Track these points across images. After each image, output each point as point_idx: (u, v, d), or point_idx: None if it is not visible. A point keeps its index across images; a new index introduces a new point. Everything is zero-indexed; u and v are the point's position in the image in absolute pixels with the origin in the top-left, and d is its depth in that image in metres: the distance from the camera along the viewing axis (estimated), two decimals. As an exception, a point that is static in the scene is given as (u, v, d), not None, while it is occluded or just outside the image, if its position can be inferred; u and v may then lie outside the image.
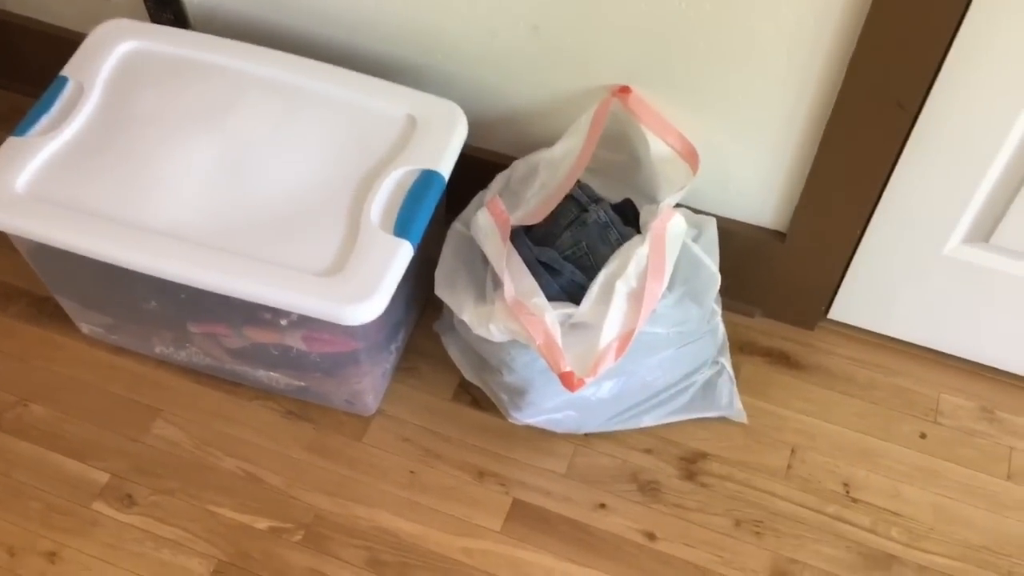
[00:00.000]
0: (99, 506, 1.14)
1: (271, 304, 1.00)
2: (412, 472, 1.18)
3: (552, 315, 1.00)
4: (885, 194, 1.09)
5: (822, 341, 1.29)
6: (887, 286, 1.21)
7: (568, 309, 1.02)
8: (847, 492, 1.16)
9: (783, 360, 1.27)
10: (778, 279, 1.25)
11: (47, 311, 1.29)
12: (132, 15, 1.22)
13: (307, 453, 1.19)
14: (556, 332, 1.00)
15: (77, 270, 1.12)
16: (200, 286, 1.00)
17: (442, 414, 1.22)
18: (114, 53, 1.15)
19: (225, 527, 1.13)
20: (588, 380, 0.98)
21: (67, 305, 1.23)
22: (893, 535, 1.13)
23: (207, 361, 1.21)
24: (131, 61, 1.15)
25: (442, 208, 1.18)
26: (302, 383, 1.18)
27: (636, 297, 1.01)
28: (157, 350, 1.23)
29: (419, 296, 1.26)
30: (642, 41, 1.06)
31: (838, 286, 1.24)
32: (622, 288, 1.01)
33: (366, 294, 0.98)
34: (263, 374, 1.19)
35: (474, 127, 1.13)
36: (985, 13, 0.89)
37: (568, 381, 0.98)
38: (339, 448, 1.19)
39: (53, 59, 1.16)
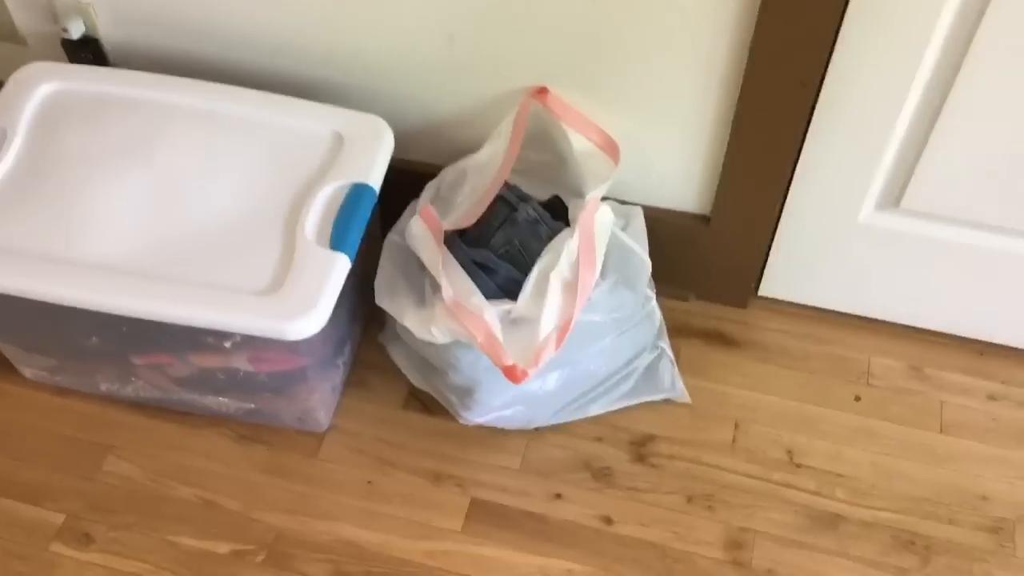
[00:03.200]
0: (57, 547, 1.14)
1: (214, 327, 1.02)
2: (369, 482, 1.19)
3: (491, 312, 1.03)
4: (797, 170, 1.15)
5: (755, 318, 1.34)
6: (810, 258, 1.26)
7: (506, 305, 1.05)
8: (791, 459, 1.21)
9: (719, 339, 1.32)
10: (707, 261, 1.29)
11: (-13, 360, 1.28)
12: (49, 58, 1.23)
13: (263, 474, 1.20)
14: (496, 328, 1.03)
15: (14, 313, 1.12)
16: (140, 316, 1.01)
17: (394, 423, 1.24)
18: (35, 96, 1.15)
19: (186, 555, 1.13)
20: (531, 371, 1.01)
21: (7, 351, 1.23)
22: (838, 495, 1.18)
23: (154, 393, 1.21)
24: (53, 102, 1.15)
25: (377, 223, 1.20)
26: (252, 405, 1.19)
27: (570, 287, 1.05)
28: (103, 388, 1.23)
29: (362, 311, 1.28)
30: (554, 42, 1.10)
31: (765, 263, 1.29)
32: (556, 280, 1.04)
33: (307, 308, 1.00)
34: (212, 400, 1.20)
35: (401, 139, 1.16)
36: (869, -11, 0.95)
37: (511, 374, 1.01)
38: (294, 466, 1.20)
39: (-27, 107, 1.16)
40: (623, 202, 1.22)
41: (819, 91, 1.05)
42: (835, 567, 1.12)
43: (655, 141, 1.17)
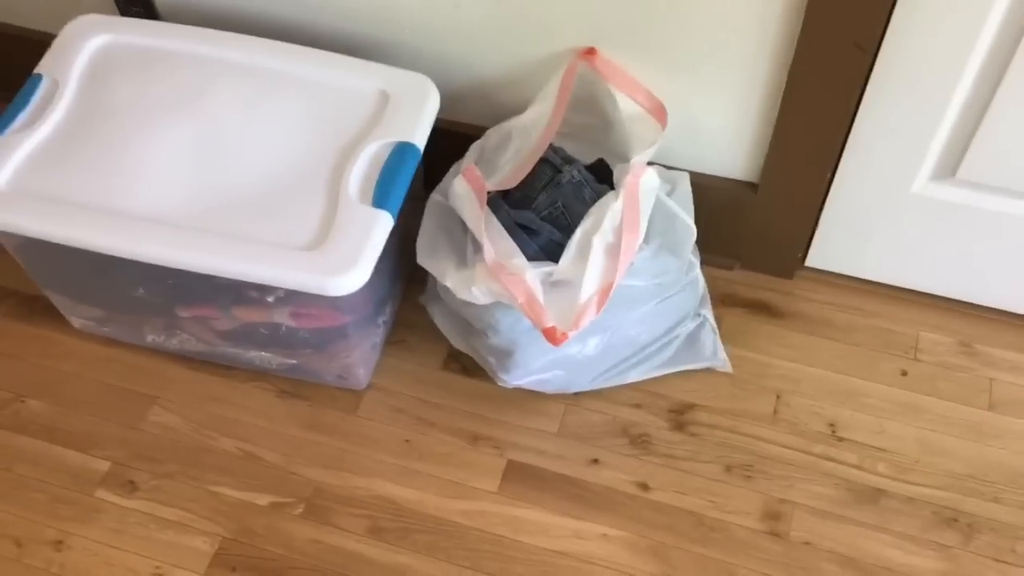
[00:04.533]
0: (102, 493, 1.16)
1: (257, 281, 1.02)
2: (407, 441, 1.20)
3: (532, 273, 1.03)
4: (851, 137, 1.12)
5: (801, 289, 1.32)
6: (860, 229, 1.24)
7: (548, 267, 1.05)
8: (833, 432, 1.19)
9: (764, 309, 1.30)
10: (754, 230, 1.27)
11: (38, 309, 1.30)
12: (101, 11, 1.23)
13: (303, 429, 1.21)
14: (537, 289, 1.02)
15: (65, 263, 1.14)
16: (186, 268, 1.02)
17: (433, 383, 1.24)
18: (86, 48, 1.16)
19: (227, 505, 1.15)
20: (571, 334, 1.01)
21: (57, 300, 1.25)
22: (880, 470, 1.16)
23: (199, 346, 1.23)
24: (103, 55, 1.16)
25: (420, 183, 1.20)
26: (293, 361, 1.21)
27: (613, 251, 1.04)
28: (149, 339, 1.25)
29: (403, 271, 1.28)
30: (605, 1, 1.08)
31: (813, 233, 1.26)
32: (599, 243, 1.03)
33: (349, 264, 1.00)
34: (255, 355, 1.21)
35: (446, 100, 1.15)
36: (933, -51, 0.92)
37: (551, 336, 1.01)
38: (334, 423, 1.22)
39: (26, 60, 1.17)
40: (670, 167, 1.20)
41: (876, 55, 1.02)
42: (875, 541, 1.11)
43: (704, 105, 1.15)
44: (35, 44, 1.20)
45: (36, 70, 1.14)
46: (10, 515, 1.15)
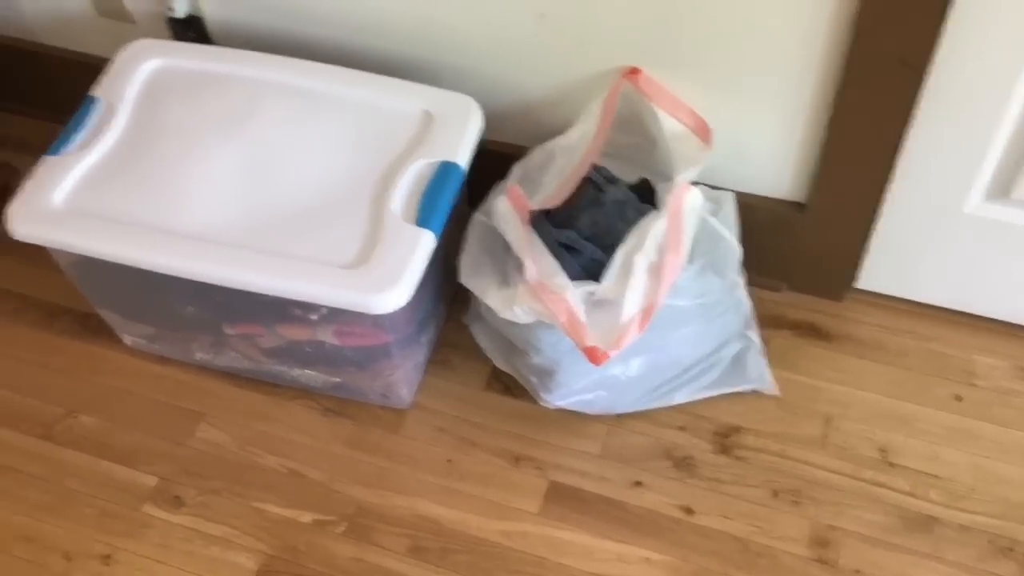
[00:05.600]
0: (149, 508, 1.18)
1: (302, 298, 1.03)
2: (449, 461, 1.20)
3: (574, 293, 1.02)
4: (901, 156, 1.10)
5: (851, 311, 1.29)
6: (912, 251, 1.21)
7: (590, 287, 1.04)
8: (884, 457, 1.16)
9: (812, 332, 1.28)
10: (802, 251, 1.25)
11: (91, 327, 1.33)
12: (155, 36, 1.27)
13: (347, 448, 1.22)
14: (579, 309, 1.02)
15: (116, 281, 1.17)
16: (233, 285, 1.04)
17: (476, 403, 1.24)
18: (140, 72, 1.19)
19: (271, 522, 1.16)
20: (612, 353, 1.00)
21: (109, 318, 1.28)
22: (933, 497, 1.13)
23: (246, 364, 1.25)
24: (157, 78, 1.19)
25: (464, 202, 1.21)
26: (338, 379, 1.21)
27: (656, 271, 1.03)
28: (197, 356, 1.27)
29: (447, 291, 1.28)
30: (648, 20, 1.07)
31: (863, 254, 1.24)
32: (641, 262, 1.02)
33: (392, 283, 1.00)
34: (299, 372, 1.22)
35: (490, 120, 1.15)
36: (983, -37, 0.90)
37: (593, 355, 1.00)
38: (377, 441, 1.22)
39: (82, 84, 1.21)
40: (714, 187, 1.19)
41: (927, 72, 1.00)
42: (927, 571, 1.08)
43: (750, 124, 1.14)
44: (91, 68, 1.24)
45: (92, 93, 1.18)
46: (60, 529, 1.17)
